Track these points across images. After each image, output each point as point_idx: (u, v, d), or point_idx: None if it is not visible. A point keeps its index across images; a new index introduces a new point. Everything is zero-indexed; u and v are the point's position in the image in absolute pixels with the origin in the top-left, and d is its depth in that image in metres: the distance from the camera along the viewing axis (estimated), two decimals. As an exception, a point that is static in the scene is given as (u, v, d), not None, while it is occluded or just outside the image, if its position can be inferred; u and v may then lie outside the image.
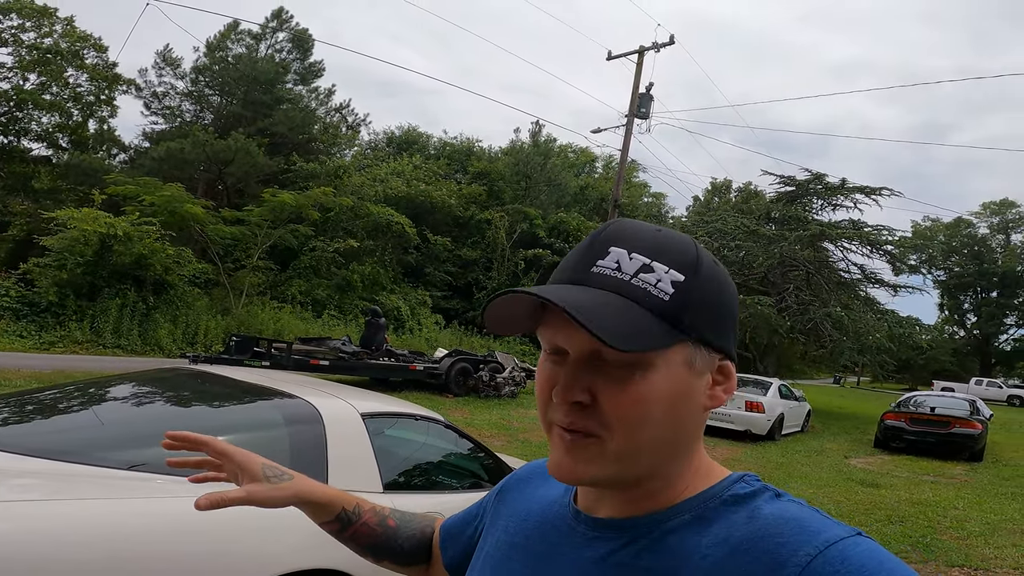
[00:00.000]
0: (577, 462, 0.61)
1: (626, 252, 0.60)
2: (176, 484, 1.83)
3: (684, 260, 0.60)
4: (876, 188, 18.82)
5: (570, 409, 0.60)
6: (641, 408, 0.58)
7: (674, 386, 0.59)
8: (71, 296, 16.19)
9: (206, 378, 2.80)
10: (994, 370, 53.86)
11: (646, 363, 0.58)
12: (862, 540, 0.55)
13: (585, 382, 0.59)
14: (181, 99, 28.92)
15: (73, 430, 2.12)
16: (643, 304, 0.58)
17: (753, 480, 0.64)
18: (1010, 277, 53.69)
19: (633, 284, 0.58)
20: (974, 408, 13.35)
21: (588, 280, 0.60)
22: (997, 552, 5.94)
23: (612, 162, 42.31)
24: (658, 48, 15.50)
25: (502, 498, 0.82)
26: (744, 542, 0.57)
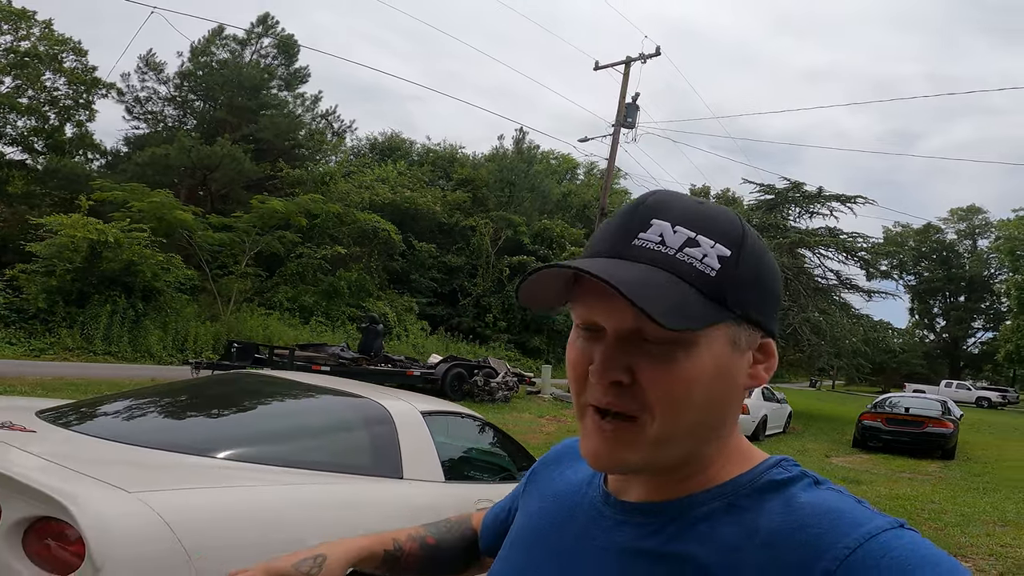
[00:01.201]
0: (614, 448, 0.58)
1: (670, 225, 0.58)
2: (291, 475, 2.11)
3: (731, 234, 0.58)
4: (851, 196, 19.55)
5: (608, 388, 0.58)
6: (684, 388, 0.56)
7: (717, 365, 0.57)
8: (60, 303, 16.14)
9: (275, 381, 3.08)
10: (962, 372, 55.50)
11: (689, 341, 0.56)
12: (905, 532, 0.53)
13: (625, 360, 0.57)
14: (163, 104, 28.81)
15: (187, 428, 2.39)
16: (689, 280, 0.56)
17: (791, 465, 0.62)
18: (977, 282, 55.49)
19: (678, 259, 0.56)
20: (946, 408, 13.99)
21: (630, 253, 0.58)
22: (972, 540, 6.40)
23: (593, 169, 42.94)
24: (645, 59, 15.99)
25: (533, 479, 0.82)
26: (779, 532, 0.55)
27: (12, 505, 1.54)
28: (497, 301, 29.62)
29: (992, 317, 56.50)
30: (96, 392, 9.62)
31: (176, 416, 2.48)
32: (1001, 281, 52.15)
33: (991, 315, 56.56)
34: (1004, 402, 37.49)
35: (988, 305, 56.58)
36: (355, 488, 2.19)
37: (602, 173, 42.60)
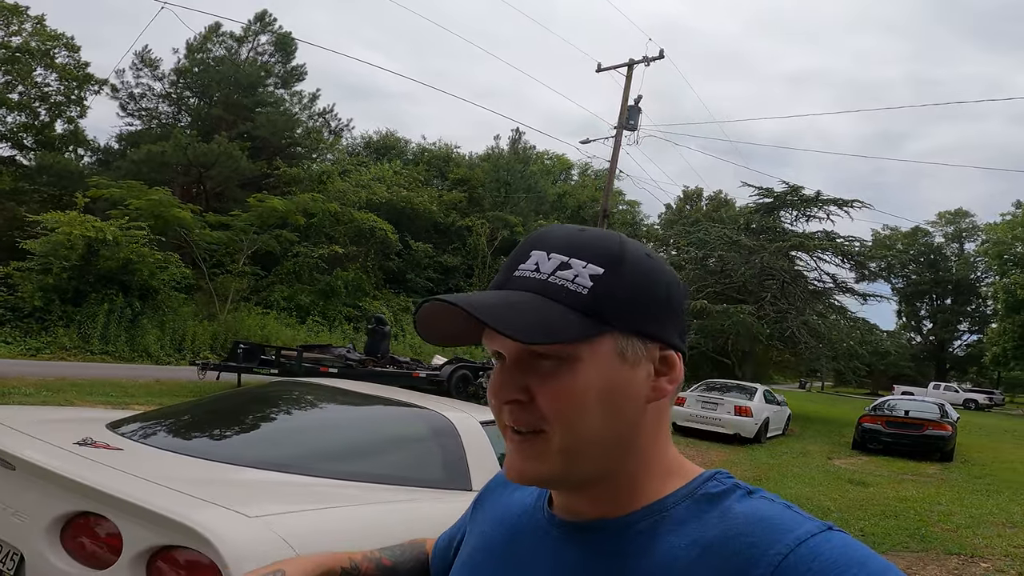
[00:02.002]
0: (525, 459, 0.61)
1: (545, 253, 0.61)
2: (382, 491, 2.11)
3: (604, 253, 0.61)
4: (848, 200, 19.75)
5: (512, 408, 0.61)
6: (573, 400, 0.59)
7: (605, 378, 0.59)
8: (56, 301, 15.95)
9: (330, 390, 3.06)
10: (948, 374, 56.17)
11: (573, 357, 0.59)
12: (834, 535, 0.55)
13: (520, 381, 0.60)
14: (158, 101, 28.56)
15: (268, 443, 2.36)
16: (560, 300, 0.59)
17: (724, 478, 0.64)
18: (963, 285, 56.15)
19: (550, 282, 0.59)
20: (943, 411, 14.15)
21: (511, 284, 0.61)
22: (986, 542, 6.49)
23: (588, 169, 43.02)
24: (648, 62, 16.05)
25: (480, 505, 0.83)
26: (715, 542, 0.57)
27: (134, 532, 1.49)
28: (493, 301, 29.63)
29: (977, 320, 57.22)
30: (102, 393, 9.54)
31: (250, 430, 2.45)
32: (987, 284, 52.85)
33: (976, 318, 57.28)
34: (991, 404, 37.99)
35: (974, 308, 57.28)
36: (441, 502, 2.19)
37: (597, 174, 42.76)
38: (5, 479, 1.68)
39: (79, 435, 2.11)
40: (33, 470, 1.64)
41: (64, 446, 1.90)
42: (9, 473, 1.68)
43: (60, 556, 1.53)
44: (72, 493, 1.56)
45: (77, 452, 1.85)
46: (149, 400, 9.11)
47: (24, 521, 1.60)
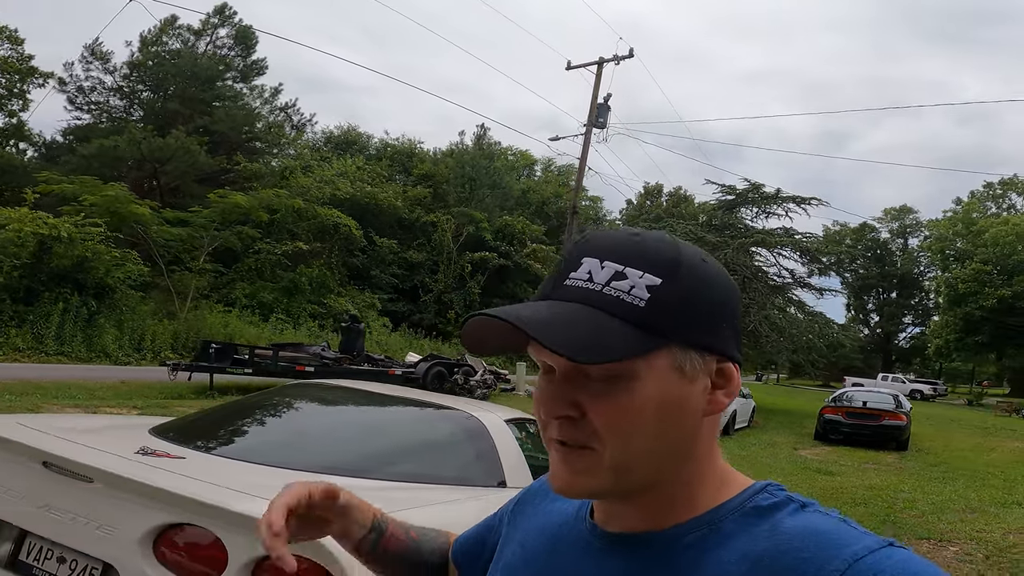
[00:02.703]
0: (573, 473, 0.59)
1: (598, 261, 0.58)
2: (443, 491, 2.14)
3: (661, 261, 0.58)
4: (807, 198, 20.41)
5: (561, 424, 0.59)
6: (628, 418, 0.57)
7: (663, 394, 0.57)
8: (7, 301, 15.27)
9: (357, 392, 3.06)
10: (894, 366, 58.53)
11: (629, 374, 0.56)
12: (895, 551, 0.52)
13: (571, 396, 0.58)
14: (108, 94, 27.50)
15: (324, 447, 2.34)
16: (615, 313, 0.56)
17: (776, 490, 0.61)
18: (908, 279, 58.61)
19: (605, 293, 0.57)
20: (898, 402, 14.80)
21: (561, 294, 0.59)
22: (951, 527, 6.85)
23: (552, 165, 43.26)
24: (618, 60, 16.25)
25: (520, 510, 0.81)
26: (765, 558, 0.54)
27: (238, 543, 1.46)
28: (459, 298, 29.56)
29: (921, 313, 59.82)
30: (68, 396, 9.19)
31: (301, 434, 2.43)
32: (930, 278, 55.27)
33: (920, 311, 59.88)
34: (935, 394, 39.81)
35: (917, 301, 59.85)
36: (490, 500, 2.24)
37: (560, 169, 43.00)
38: (83, 492, 1.65)
39: (129, 443, 2.08)
40: (115, 481, 1.62)
41: (126, 455, 1.88)
42: (86, 486, 1.65)
43: (156, 568, 1.50)
44: (163, 504, 1.54)
45: (145, 462, 1.82)
46: (119, 402, 8.84)
47: (111, 534, 1.57)
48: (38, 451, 1.76)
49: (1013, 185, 49.66)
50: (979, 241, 38.48)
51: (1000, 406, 28.36)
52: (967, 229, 41.85)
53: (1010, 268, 36.87)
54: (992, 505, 8.11)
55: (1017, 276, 36.24)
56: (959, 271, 39.46)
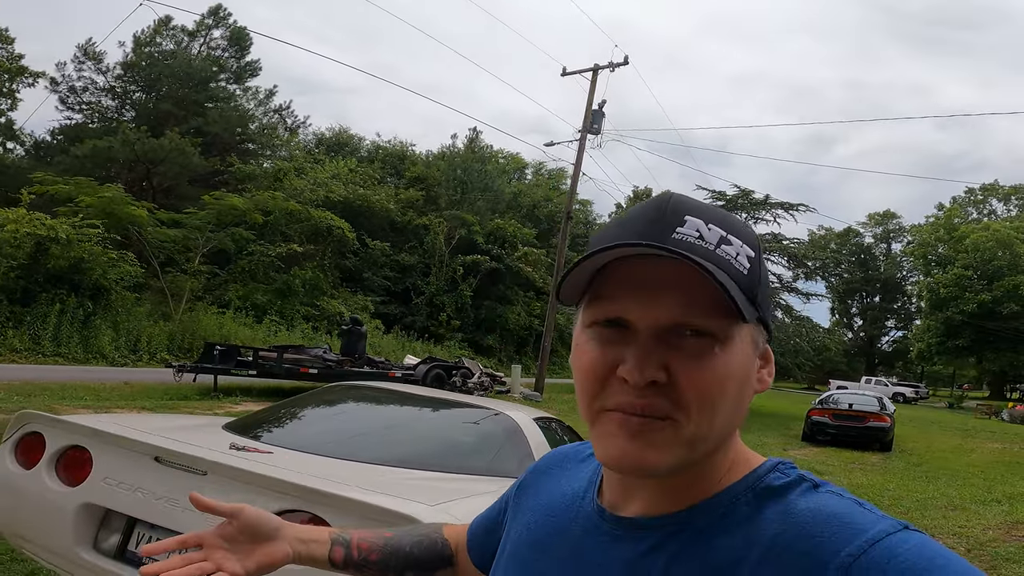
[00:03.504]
0: (647, 449, 0.55)
1: (703, 222, 0.56)
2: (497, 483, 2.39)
3: (751, 237, 0.58)
4: (794, 204, 20.87)
5: (644, 391, 0.54)
6: (719, 386, 0.54)
7: (744, 364, 0.56)
8: (4, 301, 15.29)
9: (399, 393, 3.32)
10: (877, 369, 59.46)
11: (726, 337, 0.55)
12: (912, 534, 0.51)
13: (661, 358, 0.54)
14: (100, 95, 27.45)
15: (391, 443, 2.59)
16: (731, 275, 0.54)
17: (788, 469, 0.60)
18: (891, 283, 59.62)
19: (719, 254, 0.55)
20: (882, 405, 15.23)
21: (672, 244, 0.55)
22: (935, 523, 7.20)
23: (542, 169, 43.58)
24: (613, 67, 16.59)
25: (524, 491, 0.79)
26: (779, 541, 0.53)
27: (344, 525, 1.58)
28: (451, 300, 29.76)
29: (903, 317, 60.86)
30: (75, 397, 9.33)
31: (363, 431, 2.67)
32: (912, 283, 56.23)
33: (902, 315, 60.92)
34: (917, 397, 40.53)
35: (900, 305, 60.87)
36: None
37: (550, 173, 43.31)
38: (195, 483, 1.89)
39: (216, 439, 2.32)
40: (229, 473, 1.86)
41: (224, 450, 2.12)
42: (200, 478, 1.89)
43: None
44: (276, 492, 1.78)
45: (244, 456, 2.07)
46: (127, 404, 8.99)
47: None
48: (151, 446, 1.99)
49: (994, 191, 50.72)
50: (961, 247, 39.28)
51: (980, 408, 29.04)
52: (949, 235, 42.68)
53: (990, 273, 37.71)
54: (973, 503, 8.47)
55: (997, 281, 37.07)
56: (941, 276, 40.26)
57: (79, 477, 2.09)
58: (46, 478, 2.16)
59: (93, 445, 2.10)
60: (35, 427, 2.31)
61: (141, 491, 1.95)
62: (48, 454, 2.20)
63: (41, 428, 2.29)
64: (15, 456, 2.32)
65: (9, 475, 2.28)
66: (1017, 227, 39.49)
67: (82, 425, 2.19)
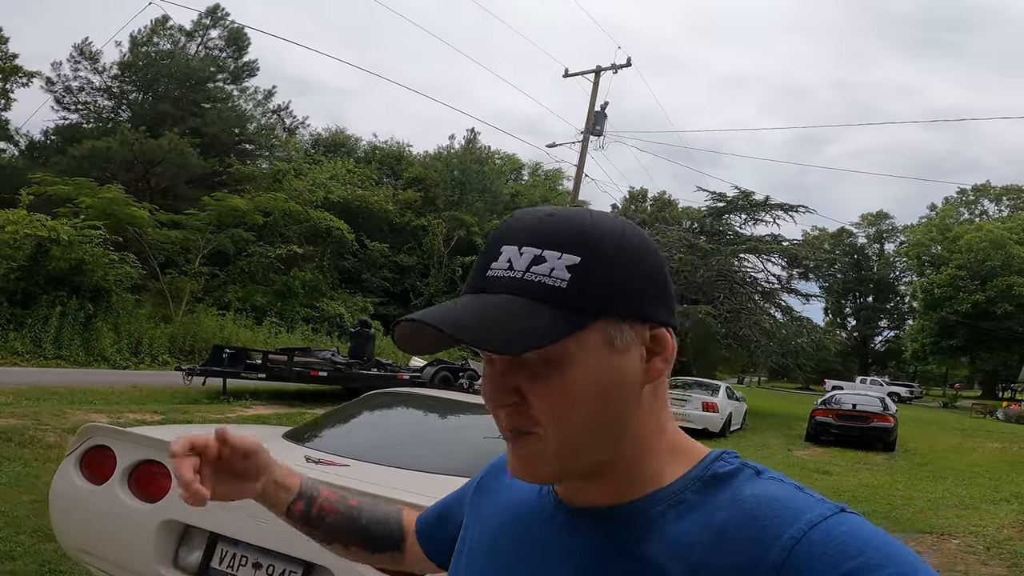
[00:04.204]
0: (523, 461, 0.60)
1: (516, 248, 0.58)
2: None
3: (577, 239, 0.57)
4: (794, 205, 20.97)
5: (507, 412, 0.59)
6: (565, 401, 0.57)
7: (597, 371, 0.57)
8: (4, 304, 15.17)
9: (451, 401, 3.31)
10: (870, 369, 59.86)
11: (560, 356, 0.57)
12: (847, 516, 0.54)
13: (511, 383, 0.58)
14: (94, 94, 27.24)
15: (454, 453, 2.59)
16: (539, 298, 0.56)
17: (732, 458, 0.63)
18: (884, 283, 59.98)
19: (526, 280, 0.56)
20: (885, 405, 15.34)
21: (486, 286, 0.58)
22: (949, 522, 7.26)
23: (539, 169, 43.63)
24: (616, 69, 16.62)
25: (483, 488, 0.80)
26: (727, 527, 0.56)
27: None
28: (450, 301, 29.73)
29: (896, 317, 61.24)
30: (86, 401, 9.25)
31: (426, 440, 2.67)
32: (906, 283, 56.62)
33: (895, 315, 61.30)
34: (911, 397, 40.84)
35: (893, 306, 61.27)
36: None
37: (547, 174, 43.37)
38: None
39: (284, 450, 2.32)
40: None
41: (301, 462, 2.12)
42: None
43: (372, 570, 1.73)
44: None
45: (323, 469, 2.06)
46: (138, 407, 8.94)
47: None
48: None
49: (986, 191, 51.15)
50: (954, 247, 39.60)
51: (975, 408, 29.30)
52: (942, 235, 43.01)
53: (984, 274, 38.02)
54: (983, 502, 8.55)
55: (991, 282, 37.38)
56: (935, 276, 40.57)
57: (157, 493, 2.08)
58: (121, 494, 2.14)
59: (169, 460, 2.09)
60: (101, 440, 2.29)
61: (227, 508, 1.94)
62: (120, 469, 2.18)
63: (108, 442, 2.27)
64: (80, 470, 2.30)
65: (77, 490, 2.26)
66: (1010, 228, 39.86)
67: (157, 439, 2.18)
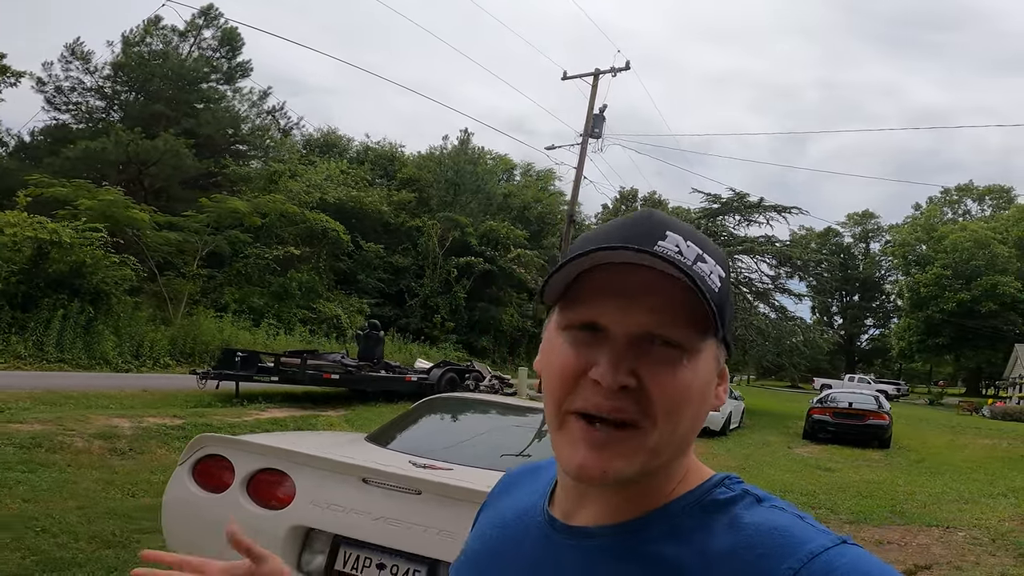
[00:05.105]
0: (611, 458, 0.56)
1: (683, 238, 0.58)
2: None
3: (722, 259, 0.61)
4: (787, 207, 21.34)
5: (614, 395, 0.55)
6: (684, 396, 0.56)
7: (707, 379, 0.58)
8: (5, 307, 15.09)
9: (511, 405, 3.48)
10: (857, 366, 60.69)
11: (693, 350, 0.56)
12: (848, 548, 0.53)
13: (632, 363, 0.55)
14: (86, 95, 27.04)
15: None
16: (703, 291, 0.55)
17: (734, 484, 0.62)
18: (870, 282, 60.85)
19: (696, 270, 0.56)
20: (879, 403, 15.69)
21: (655, 255, 0.56)
22: (952, 515, 7.54)
23: (530, 170, 43.83)
24: (615, 72, 16.84)
25: (484, 512, 0.79)
26: (725, 554, 0.54)
27: None
28: (445, 302, 29.83)
29: (881, 315, 62.12)
30: (101, 406, 9.30)
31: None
32: (891, 282, 57.46)
33: (880, 314, 62.19)
34: (898, 394, 41.51)
35: (878, 304, 62.16)
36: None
37: (539, 174, 43.58)
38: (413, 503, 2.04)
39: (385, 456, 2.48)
40: (444, 491, 2.02)
41: (409, 467, 2.29)
42: (415, 497, 2.05)
43: None
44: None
45: (433, 474, 2.23)
46: (156, 411, 9.01)
47: (451, 536, 1.97)
48: (359, 467, 2.15)
49: (968, 191, 52.07)
50: (940, 247, 40.30)
51: (962, 405, 29.88)
52: (927, 235, 43.75)
53: (968, 273, 38.75)
54: (982, 496, 8.85)
55: (975, 281, 38.11)
56: (921, 275, 41.27)
57: (282, 499, 2.23)
58: (243, 501, 2.28)
59: (291, 468, 2.24)
60: (215, 450, 2.42)
61: (355, 512, 2.10)
62: (240, 477, 2.33)
63: (223, 451, 2.41)
64: (194, 479, 2.43)
65: (194, 498, 2.38)
66: (993, 227, 40.64)
67: (274, 447, 2.33)
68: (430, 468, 2.34)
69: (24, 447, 6.38)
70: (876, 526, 7.00)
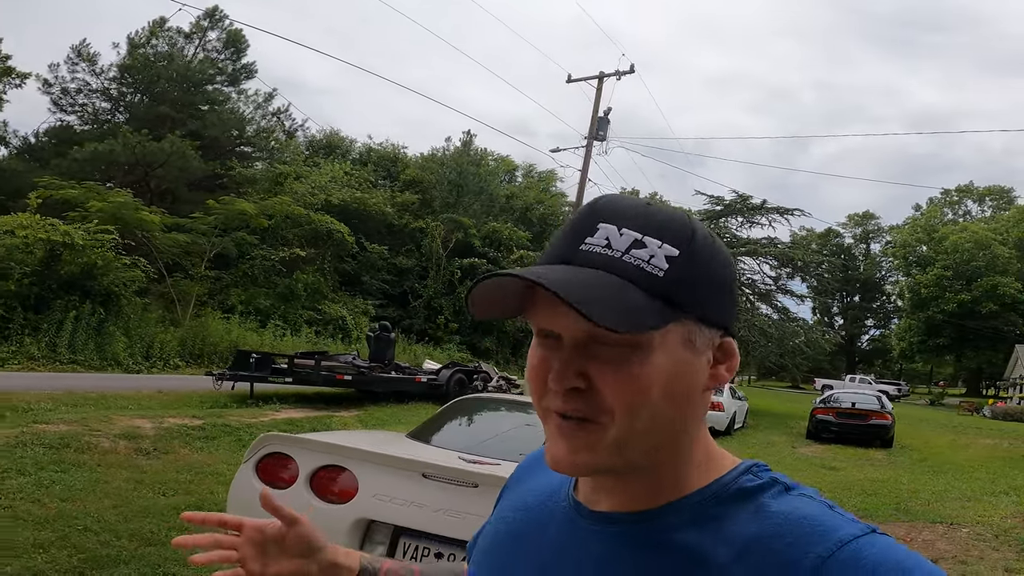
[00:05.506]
0: (576, 450, 0.57)
1: (616, 228, 0.57)
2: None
3: (678, 233, 0.57)
4: (790, 208, 21.52)
5: (567, 395, 0.57)
6: (639, 391, 0.55)
7: (674, 367, 0.56)
8: (18, 309, 15.26)
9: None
10: (857, 367, 60.87)
11: (643, 344, 0.55)
12: (877, 538, 0.53)
13: (580, 366, 0.56)
14: (92, 96, 27.21)
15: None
16: (636, 282, 0.55)
17: (762, 471, 0.61)
18: (870, 283, 61.06)
19: (625, 261, 0.55)
20: (882, 403, 15.88)
21: (577, 259, 0.57)
22: (956, 513, 7.71)
23: (532, 171, 44.02)
24: (619, 75, 17.03)
25: (506, 494, 0.80)
26: (751, 542, 0.54)
27: None
28: (448, 303, 30.01)
29: (881, 316, 62.33)
30: (120, 407, 9.49)
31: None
32: (892, 283, 57.66)
33: (881, 314, 62.39)
34: (899, 395, 41.69)
35: (879, 305, 62.36)
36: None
37: (540, 176, 43.76)
38: (470, 495, 2.22)
39: (438, 454, 2.67)
40: (498, 483, 2.20)
41: (459, 463, 2.47)
42: (473, 490, 2.23)
43: None
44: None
45: (482, 469, 2.41)
46: (175, 412, 9.19)
47: None
48: (419, 463, 2.33)
49: (969, 192, 52.27)
50: (940, 248, 40.49)
51: (963, 406, 30.07)
52: (928, 236, 43.93)
53: (969, 274, 38.94)
54: (984, 494, 9.03)
55: (976, 281, 38.30)
56: (921, 276, 41.46)
57: (345, 494, 2.41)
58: (308, 497, 2.47)
59: (354, 464, 2.42)
60: (278, 448, 2.61)
61: (415, 504, 2.28)
62: (304, 474, 2.51)
63: (286, 449, 2.59)
64: (258, 475, 2.61)
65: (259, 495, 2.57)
66: (994, 228, 40.83)
67: (336, 444, 2.51)
68: (478, 463, 2.52)
69: (53, 447, 6.55)
70: (882, 523, 7.17)
